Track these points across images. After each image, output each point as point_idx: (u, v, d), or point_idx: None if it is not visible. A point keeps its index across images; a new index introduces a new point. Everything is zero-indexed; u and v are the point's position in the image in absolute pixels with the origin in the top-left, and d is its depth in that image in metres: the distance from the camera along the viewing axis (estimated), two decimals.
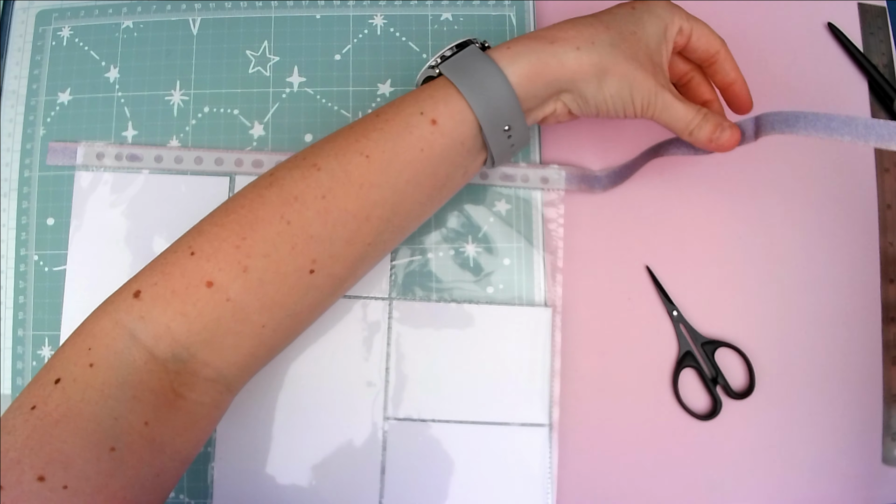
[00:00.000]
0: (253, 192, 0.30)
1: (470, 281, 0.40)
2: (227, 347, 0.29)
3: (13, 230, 0.41)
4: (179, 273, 0.28)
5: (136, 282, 0.29)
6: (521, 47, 0.31)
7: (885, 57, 0.43)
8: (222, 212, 0.30)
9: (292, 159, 0.31)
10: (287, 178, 0.30)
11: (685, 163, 0.42)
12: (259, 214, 0.29)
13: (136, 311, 0.28)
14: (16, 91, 0.42)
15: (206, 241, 0.29)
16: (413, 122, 0.31)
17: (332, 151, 0.30)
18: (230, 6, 0.43)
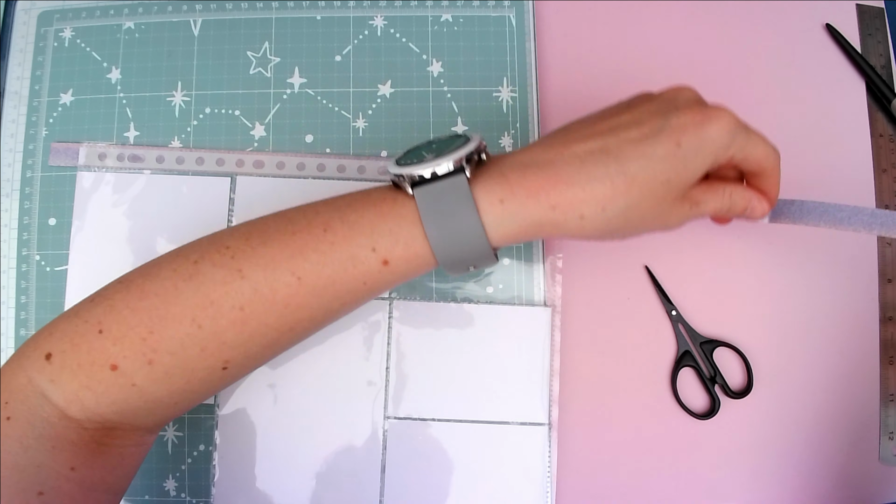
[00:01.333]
0: (171, 280, 0.27)
1: (470, 281, 0.40)
2: (141, 418, 0.29)
3: (15, 230, 0.41)
4: (86, 349, 0.27)
5: (47, 341, 0.28)
6: (516, 206, 0.26)
7: (883, 58, 0.43)
8: (137, 291, 0.28)
9: (221, 251, 0.28)
10: (208, 275, 0.27)
11: None
12: (171, 311, 0.27)
13: (47, 373, 0.27)
14: (18, 92, 0.43)
15: (115, 321, 0.27)
16: (361, 256, 0.27)
17: (263, 261, 0.27)
18: (231, 7, 0.43)
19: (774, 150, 0.29)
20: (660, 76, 0.43)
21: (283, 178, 0.41)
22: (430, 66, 0.42)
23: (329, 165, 0.41)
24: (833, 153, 0.42)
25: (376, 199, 0.28)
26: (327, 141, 0.41)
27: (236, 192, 0.41)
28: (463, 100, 0.42)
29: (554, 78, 0.42)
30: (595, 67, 0.43)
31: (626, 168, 0.26)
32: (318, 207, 0.28)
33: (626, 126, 0.27)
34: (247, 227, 0.29)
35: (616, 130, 0.27)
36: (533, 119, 0.41)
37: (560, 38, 0.43)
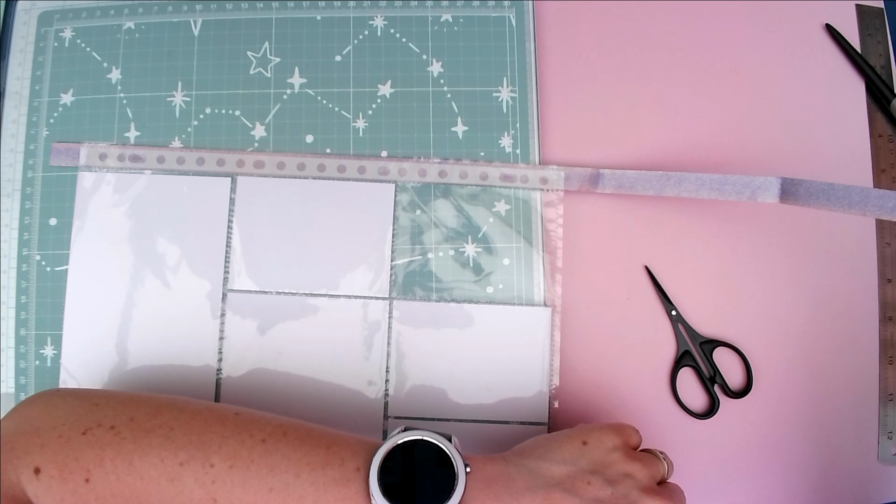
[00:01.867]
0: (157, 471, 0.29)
1: (470, 281, 0.40)
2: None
3: (16, 230, 0.42)
4: (72, 489, 0.29)
5: (39, 455, 0.29)
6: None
7: (883, 58, 0.43)
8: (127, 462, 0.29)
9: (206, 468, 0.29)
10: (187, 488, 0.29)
11: (684, 164, 0.42)
12: (150, 499, 0.29)
13: (33, 486, 0.29)
14: (18, 92, 0.43)
15: (101, 480, 0.29)
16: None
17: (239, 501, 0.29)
18: (231, 7, 0.43)
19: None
20: (660, 76, 0.43)
21: (283, 178, 0.41)
22: (430, 66, 0.42)
23: (329, 165, 0.41)
24: (832, 153, 0.42)
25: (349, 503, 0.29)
26: (327, 141, 0.41)
27: (237, 192, 0.41)
28: (463, 100, 0.42)
29: (554, 78, 0.42)
30: (595, 67, 0.43)
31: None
32: (298, 469, 0.30)
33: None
34: (233, 447, 0.30)
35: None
36: (533, 119, 0.41)
37: (560, 38, 0.43)
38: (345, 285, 0.40)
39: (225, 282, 0.40)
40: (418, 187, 0.41)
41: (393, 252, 0.40)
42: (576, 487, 0.30)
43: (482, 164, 0.41)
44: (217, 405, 0.33)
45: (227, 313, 0.40)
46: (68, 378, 0.40)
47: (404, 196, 0.41)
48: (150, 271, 0.40)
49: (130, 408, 0.31)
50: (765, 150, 0.42)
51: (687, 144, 0.42)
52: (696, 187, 0.39)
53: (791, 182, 0.36)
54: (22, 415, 0.32)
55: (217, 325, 0.40)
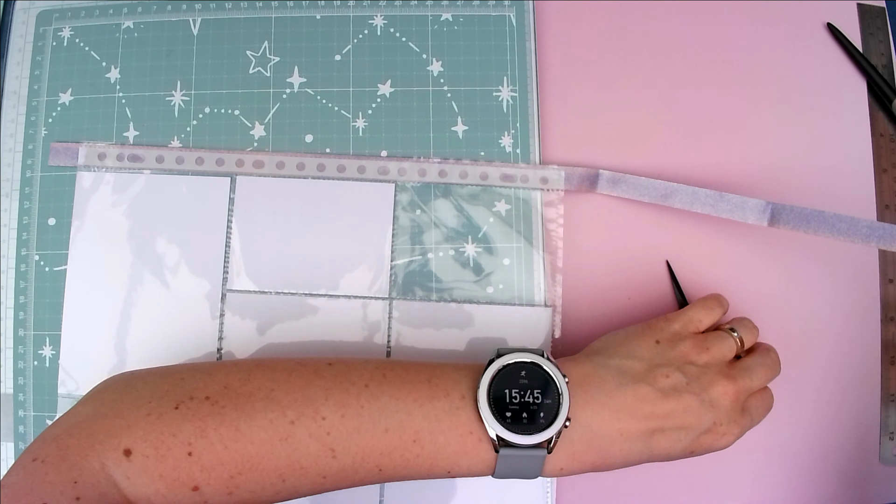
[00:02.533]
0: (267, 433, 0.29)
1: (470, 281, 0.40)
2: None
3: (14, 230, 0.41)
4: (172, 465, 0.28)
5: (128, 436, 0.28)
6: (569, 471, 0.31)
7: (885, 57, 0.43)
8: (232, 429, 0.29)
9: (317, 421, 0.30)
10: (303, 444, 0.29)
11: (685, 164, 0.42)
12: (262, 463, 0.29)
13: (124, 468, 0.28)
14: (17, 91, 0.43)
15: (206, 450, 0.29)
16: (437, 472, 0.31)
17: (355, 449, 0.30)
18: (230, 7, 0.43)
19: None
20: (660, 75, 0.43)
21: (283, 178, 0.41)
22: (430, 65, 0.42)
23: (329, 165, 0.41)
24: (833, 153, 0.42)
25: (463, 427, 0.30)
26: (327, 141, 0.41)
27: (236, 191, 0.41)
28: (463, 99, 0.42)
29: (554, 78, 0.42)
30: (595, 67, 0.43)
31: (653, 451, 0.32)
32: (409, 405, 0.30)
33: (672, 424, 0.32)
34: (340, 398, 0.30)
35: (665, 425, 0.31)
36: (533, 119, 0.41)
37: (560, 38, 0.43)
38: (344, 285, 0.40)
39: (224, 282, 0.40)
40: (418, 187, 0.41)
41: (393, 252, 0.40)
42: (657, 380, 0.32)
43: (482, 164, 0.41)
44: (306, 358, 0.33)
45: (226, 313, 0.40)
46: (67, 378, 0.40)
47: (404, 196, 0.41)
48: (149, 271, 0.40)
49: (219, 376, 0.31)
50: (765, 149, 0.42)
51: (687, 144, 0.42)
52: (691, 201, 0.39)
53: (780, 207, 0.37)
54: (98, 398, 0.31)
55: (216, 326, 0.40)
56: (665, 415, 0.31)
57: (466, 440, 0.30)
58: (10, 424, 0.40)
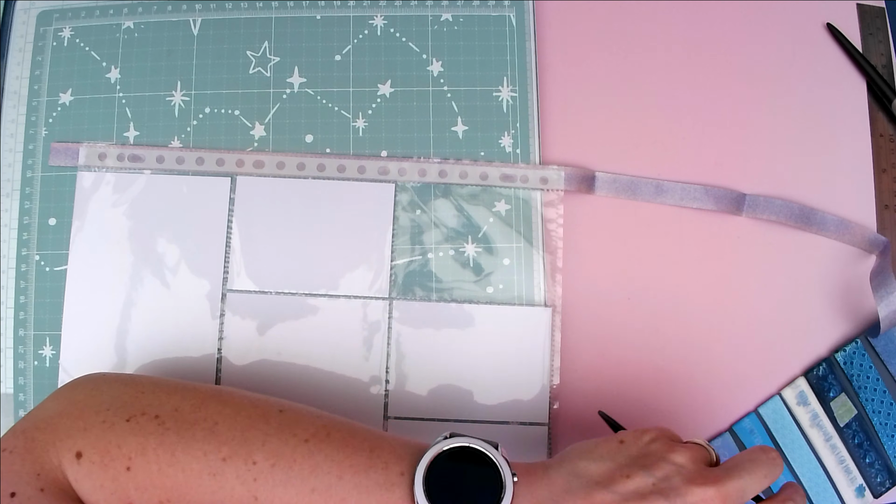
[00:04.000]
0: (199, 465, 0.29)
1: (470, 281, 0.40)
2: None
3: (15, 230, 0.41)
4: (112, 476, 0.29)
5: (82, 438, 0.29)
6: None
7: (884, 57, 0.43)
8: (169, 453, 0.29)
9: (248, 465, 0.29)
10: (228, 485, 0.29)
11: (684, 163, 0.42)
12: (191, 493, 0.29)
13: (74, 471, 0.29)
14: (17, 91, 0.43)
15: (143, 470, 0.29)
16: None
17: (280, 501, 0.29)
18: (231, 7, 0.43)
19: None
20: (660, 75, 0.43)
21: (283, 178, 0.41)
22: (430, 65, 0.42)
23: (329, 165, 0.41)
24: (833, 153, 0.42)
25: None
26: (327, 141, 0.41)
27: (236, 192, 0.41)
28: (463, 99, 0.42)
29: (554, 78, 0.42)
30: (595, 67, 0.43)
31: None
32: (341, 471, 0.29)
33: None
34: (276, 445, 0.30)
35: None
36: (533, 119, 0.41)
37: (560, 37, 0.43)
38: (344, 285, 0.40)
39: (224, 282, 0.40)
40: (418, 187, 0.41)
41: (393, 252, 0.40)
42: (615, 482, 0.28)
43: (482, 164, 0.41)
44: (261, 399, 0.32)
45: (226, 313, 0.40)
46: (67, 378, 0.40)
47: (404, 196, 0.41)
48: (149, 271, 0.40)
49: (175, 398, 0.31)
50: (765, 149, 0.42)
51: (687, 144, 0.42)
52: (681, 197, 0.40)
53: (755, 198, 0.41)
54: (66, 397, 0.31)
55: (216, 326, 0.40)
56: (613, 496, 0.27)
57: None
58: (10, 424, 0.40)
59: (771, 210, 0.41)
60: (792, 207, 0.41)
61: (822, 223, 0.41)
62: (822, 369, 0.40)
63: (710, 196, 0.41)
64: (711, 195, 0.41)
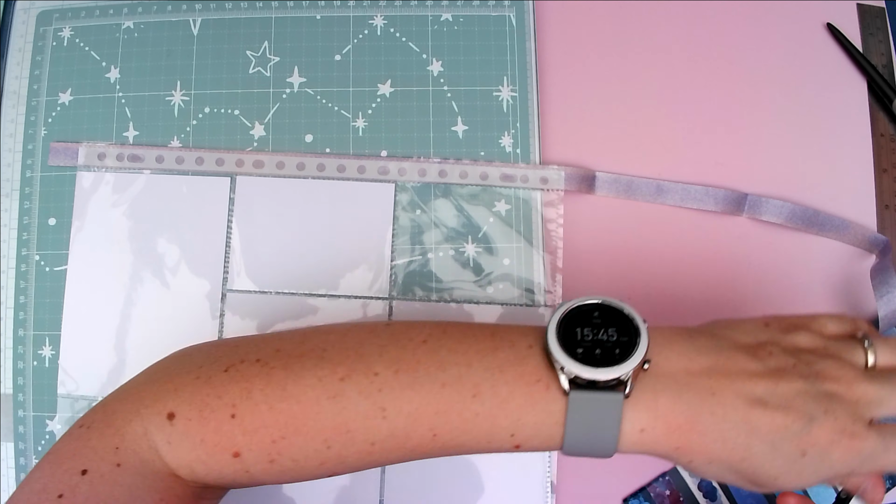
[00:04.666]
0: (315, 391, 0.27)
1: (470, 281, 0.40)
2: (241, 485, 0.29)
3: (15, 230, 0.41)
4: (214, 428, 0.27)
5: (173, 400, 0.27)
6: (650, 438, 0.26)
7: (885, 57, 0.43)
8: (279, 389, 0.27)
9: (369, 378, 0.27)
10: (352, 402, 0.27)
11: (684, 164, 0.42)
12: (308, 424, 0.27)
13: (166, 433, 0.27)
14: (17, 91, 0.43)
15: (249, 412, 0.27)
16: (498, 436, 0.27)
17: (408, 408, 0.27)
18: (230, 7, 0.43)
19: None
20: (660, 75, 0.43)
21: (282, 178, 0.41)
22: (430, 65, 0.42)
23: (329, 165, 0.41)
24: (834, 153, 0.42)
25: (529, 376, 0.27)
26: (327, 140, 0.41)
27: (236, 191, 0.41)
28: (463, 99, 0.42)
29: (554, 78, 0.42)
30: (595, 67, 0.43)
31: (751, 445, 0.26)
32: (470, 357, 0.27)
33: (773, 396, 0.26)
34: (395, 353, 0.28)
35: (765, 394, 0.26)
36: (533, 119, 0.41)
37: (560, 37, 0.43)
38: (344, 285, 0.40)
39: (224, 282, 0.40)
40: (418, 187, 0.41)
41: (393, 252, 0.40)
42: (758, 354, 0.27)
43: (482, 164, 0.41)
44: (363, 321, 0.31)
45: (226, 313, 0.40)
46: (66, 379, 0.40)
47: (404, 196, 0.41)
48: (149, 271, 0.40)
49: (273, 341, 0.29)
50: (765, 149, 0.42)
51: (687, 144, 0.42)
52: (681, 197, 0.41)
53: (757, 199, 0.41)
54: (152, 367, 0.30)
55: (216, 326, 0.40)
56: (765, 388, 0.26)
57: (533, 389, 0.26)
58: (9, 424, 0.40)
59: (771, 210, 0.41)
60: (792, 208, 0.41)
61: (822, 223, 0.41)
62: None
63: (711, 196, 0.41)
64: (711, 195, 0.41)
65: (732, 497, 0.39)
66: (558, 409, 0.26)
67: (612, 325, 0.27)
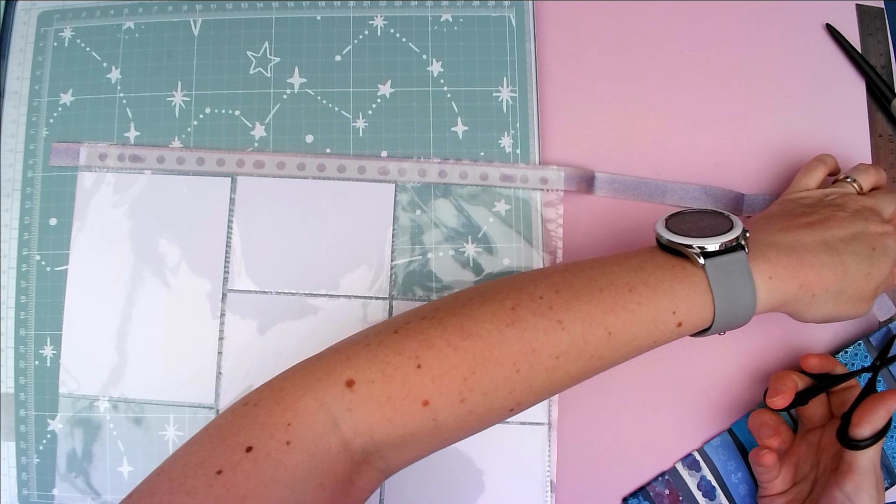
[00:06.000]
0: (493, 324, 0.29)
1: (470, 281, 0.40)
2: (412, 452, 0.29)
3: (16, 230, 0.42)
4: (401, 382, 0.27)
5: (349, 368, 0.28)
6: (779, 282, 0.31)
7: (883, 58, 0.43)
8: (457, 331, 0.28)
9: (536, 301, 0.29)
10: (530, 324, 0.29)
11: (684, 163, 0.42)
12: (495, 354, 0.28)
13: (346, 401, 0.27)
14: (18, 92, 0.43)
15: (435, 359, 0.28)
16: (663, 318, 0.30)
17: (580, 315, 0.29)
18: (231, 7, 0.43)
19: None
20: (660, 75, 0.43)
21: (283, 178, 0.41)
22: (430, 65, 0.42)
23: (329, 165, 0.41)
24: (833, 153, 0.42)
25: (665, 264, 0.31)
26: (327, 141, 0.41)
27: (237, 192, 0.41)
28: (463, 100, 0.42)
29: (554, 78, 0.42)
30: (595, 67, 0.43)
31: (843, 259, 0.32)
32: (611, 267, 0.31)
33: (834, 225, 0.33)
34: (548, 281, 0.31)
35: (828, 226, 0.33)
36: (533, 119, 0.41)
37: (560, 38, 0.43)
38: (345, 285, 0.40)
39: (225, 282, 0.40)
40: (418, 187, 0.41)
41: (393, 252, 0.40)
42: (812, 209, 0.35)
43: (482, 164, 0.41)
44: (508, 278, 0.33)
45: (226, 313, 0.40)
46: (68, 378, 0.40)
47: (404, 196, 0.41)
48: (149, 271, 0.40)
49: (428, 306, 0.31)
50: (765, 149, 0.42)
51: (687, 144, 0.42)
52: (681, 197, 0.41)
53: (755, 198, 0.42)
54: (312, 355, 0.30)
55: (217, 326, 0.40)
56: (827, 224, 0.33)
57: (675, 271, 0.30)
58: (10, 424, 0.40)
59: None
60: None
61: None
62: None
63: (710, 196, 0.41)
64: (711, 195, 0.41)
65: (731, 496, 0.39)
66: (701, 278, 0.30)
67: (707, 217, 0.33)
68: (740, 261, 0.30)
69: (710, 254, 0.30)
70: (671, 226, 0.32)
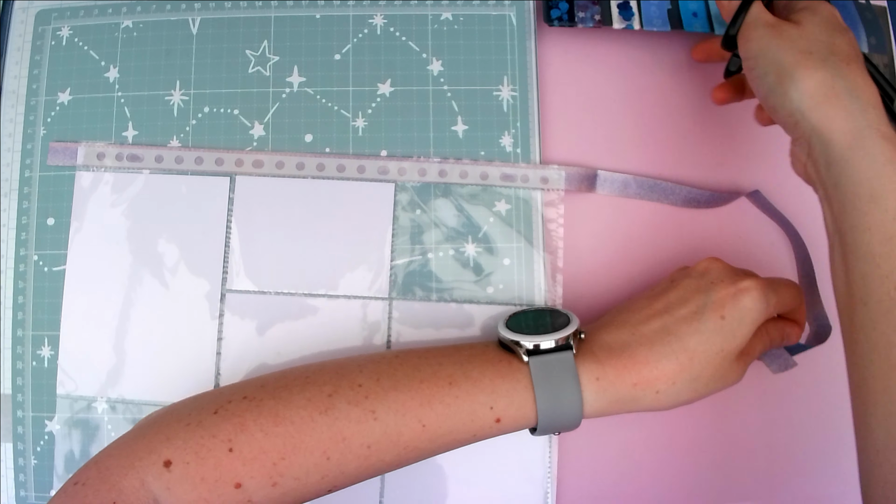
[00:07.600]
0: (307, 410, 0.29)
1: (470, 281, 0.40)
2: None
3: (13, 230, 0.41)
4: (213, 465, 0.28)
5: (167, 448, 0.29)
6: (607, 383, 0.31)
7: (885, 57, 0.43)
8: (271, 416, 0.29)
9: (354, 389, 0.30)
10: (343, 412, 0.30)
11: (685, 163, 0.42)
12: (305, 441, 0.29)
13: (164, 481, 0.28)
14: (15, 91, 0.42)
15: (246, 442, 0.29)
16: (480, 413, 0.31)
17: (395, 405, 0.30)
18: (230, 6, 0.43)
19: (798, 289, 0.35)
20: (660, 76, 0.43)
21: (282, 177, 0.41)
22: (429, 64, 0.42)
23: (328, 165, 0.41)
24: None
25: (493, 359, 0.32)
26: (327, 140, 0.41)
27: (235, 191, 0.41)
28: (463, 99, 0.41)
29: (554, 77, 0.42)
30: (596, 66, 0.43)
31: (686, 344, 0.31)
32: (439, 358, 0.32)
33: (676, 305, 0.32)
34: (373, 367, 0.32)
35: (669, 310, 0.32)
36: (533, 118, 0.41)
37: (560, 37, 0.43)
38: (344, 285, 0.40)
39: (223, 282, 0.40)
40: (418, 187, 0.41)
41: (393, 252, 0.40)
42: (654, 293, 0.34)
43: (482, 164, 0.41)
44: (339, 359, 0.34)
45: (225, 314, 0.40)
46: (66, 379, 0.40)
47: (404, 196, 0.41)
48: (148, 271, 0.40)
49: (255, 381, 0.32)
50: (766, 149, 0.42)
51: (687, 144, 0.42)
52: (681, 197, 0.41)
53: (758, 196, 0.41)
54: (141, 422, 0.31)
55: (215, 326, 0.40)
56: (666, 304, 0.32)
57: (499, 367, 0.31)
58: (8, 425, 0.40)
59: (772, 210, 0.41)
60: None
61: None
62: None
63: (711, 195, 0.41)
64: (712, 195, 0.41)
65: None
66: (524, 375, 0.31)
67: (547, 315, 0.34)
68: (565, 360, 0.31)
69: (536, 352, 0.31)
70: (511, 323, 0.34)
